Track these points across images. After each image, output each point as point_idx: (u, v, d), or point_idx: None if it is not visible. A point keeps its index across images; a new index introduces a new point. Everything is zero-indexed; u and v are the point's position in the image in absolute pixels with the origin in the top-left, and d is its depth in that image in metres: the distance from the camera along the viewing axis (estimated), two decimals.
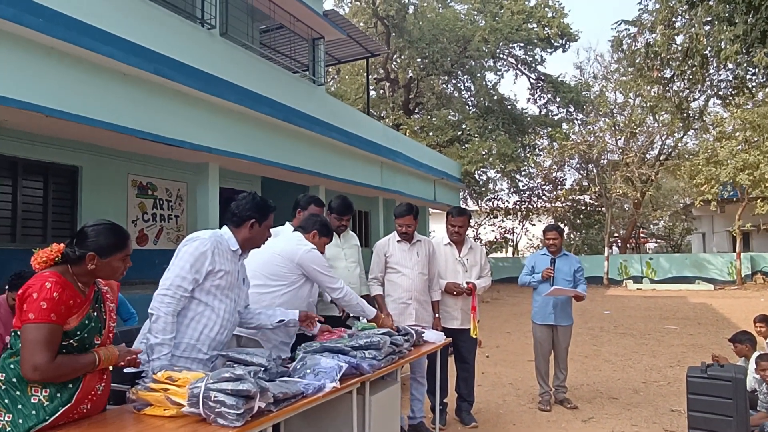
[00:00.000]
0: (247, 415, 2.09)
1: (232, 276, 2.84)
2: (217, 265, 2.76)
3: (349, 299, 3.60)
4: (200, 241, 2.75)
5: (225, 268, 2.79)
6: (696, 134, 25.03)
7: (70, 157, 8.62)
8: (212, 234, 2.82)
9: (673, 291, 20.33)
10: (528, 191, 28.73)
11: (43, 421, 2.02)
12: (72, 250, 2.17)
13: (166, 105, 7.80)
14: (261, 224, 2.94)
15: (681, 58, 12.70)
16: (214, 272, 2.75)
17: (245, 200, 2.93)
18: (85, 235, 2.21)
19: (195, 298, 2.73)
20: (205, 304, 2.75)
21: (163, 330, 2.57)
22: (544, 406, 5.40)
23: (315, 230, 3.68)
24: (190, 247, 2.74)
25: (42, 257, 2.13)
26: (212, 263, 2.73)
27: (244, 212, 2.90)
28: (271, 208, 2.99)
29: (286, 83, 10.70)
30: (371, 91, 25.66)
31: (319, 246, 3.66)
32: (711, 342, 9.14)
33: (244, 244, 2.93)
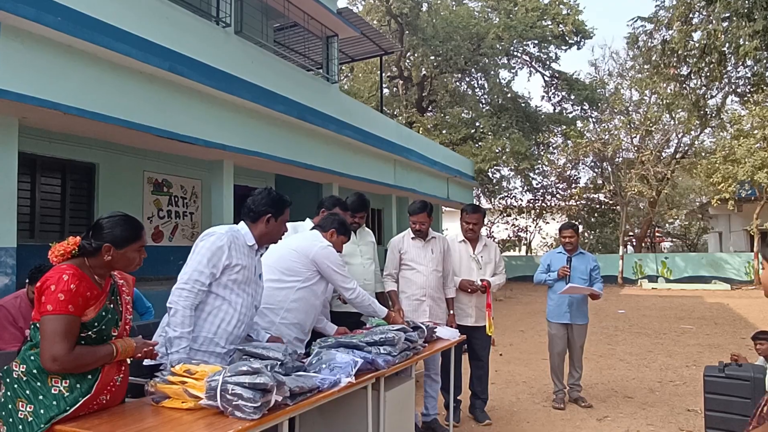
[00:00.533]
0: (264, 408, 2.10)
1: (248, 271, 2.85)
2: (234, 259, 2.77)
3: (361, 300, 3.56)
4: (217, 236, 2.77)
5: (242, 263, 2.81)
6: (713, 132, 24.72)
7: (87, 154, 8.72)
8: (229, 229, 2.84)
9: (688, 291, 20.12)
10: (542, 189, 28.58)
11: (63, 411, 2.05)
12: (88, 242, 2.20)
13: (181, 103, 7.86)
14: (277, 219, 2.95)
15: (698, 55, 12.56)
16: (231, 267, 2.77)
17: (261, 195, 2.95)
18: (100, 227, 2.24)
19: (212, 292, 2.75)
20: (223, 298, 2.77)
21: (182, 323, 2.60)
22: (558, 404, 5.38)
23: (333, 229, 3.67)
24: (207, 242, 2.76)
25: (59, 250, 2.17)
26: (229, 258, 2.75)
27: (260, 207, 2.91)
28: (287, 203, 3.00)
29: (300, 81, 10.73)
30: (384, 89, 25.65)
31: (337, 245, 3.65)
32: (728, 342, 9.04)
33: (260, 239, 2.94)
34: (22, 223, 7.48)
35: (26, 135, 7.21)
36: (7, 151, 6.04)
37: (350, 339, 3.11)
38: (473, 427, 4.82)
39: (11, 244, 6.09)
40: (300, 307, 3.41)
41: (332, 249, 3.53)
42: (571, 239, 5.56)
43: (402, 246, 4.62)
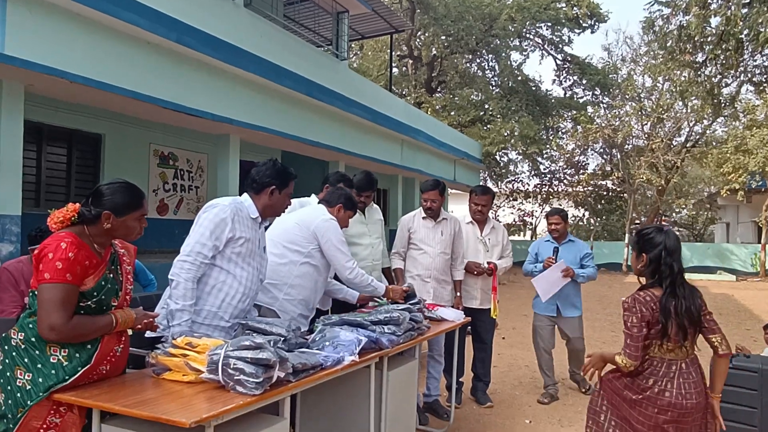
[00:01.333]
0: (266, 384, 2.07)
1: (252, 243, 2.80)
2: (238, 232, 2.72)
3: (360, 280, 3.48)
4: (220, 208, 2.72)
5: (246, 236, 2.76)
6: (725, 121, 24.41)
7: (93, 124, 8.67)
8: (232, 201, 2.79)
9: (693, 280, 19.91)
10: (549, 174, 28.36)
11: (62, 380, 2.02)
12: (88, 209, 2.15)
13: (188, 75, 7.77)
14: (281, 191, 2.89)
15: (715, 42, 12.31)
16: (235, 239, 2.72)
17: (266, 167, 2.89)
18: (100, 194, 2.18)
19: (216, 265, 2.71)
20: (227, 272, 2.73)
21: (183, 296, 2.56)
22: (544, 398, 5.03)
23: (340, 204, 3.59)
24: (209, 214, 2.71)
25: (58, 217, 2.12)
26: (232, 230, 2.70)
27: (264, 178, 2.85)
28: (291, 176, 2.94)
29: (309, 57, 10.59)
30: (394, 68, 25.38)
31: (343, 220, 3.59)
32: (732, 333, 8.98)
33: (264, 212, 2.89)
34: (27, 191, 7.46)
35: (32, 103, 7.16)
36: (13, 119, 5.99)
37: (354, 317, 3.07)
38: (474, 408, 4.81)
39: (16, 212, 6.07)
40: (304, 283, 3.36)
41: (335, 223, 3.44)
42: (557, 226, 5.21)
43: (412, 225, 4.55)
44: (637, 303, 2.56)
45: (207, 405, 1.95)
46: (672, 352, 2.62)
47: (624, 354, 2.55)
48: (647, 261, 2.63)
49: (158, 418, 1.82)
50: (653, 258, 2.62)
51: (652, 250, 2.63)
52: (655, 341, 2.58)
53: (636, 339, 2.52)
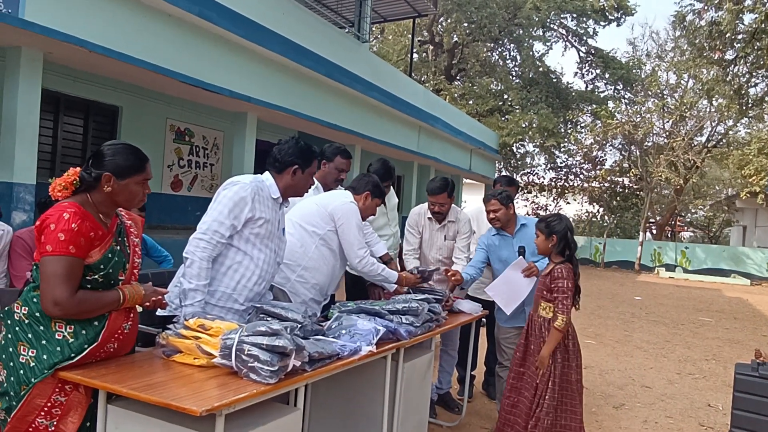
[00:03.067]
0: (281, 373, 1.97)
1: (272, 225, 2.69)
2: (257, 212, 2.61)
3: (370, 269, 3.31)
4: (240, 186, 2.60)
5: (265, 216, 2.64)
6: (749, 123, 23.91)
7: (111, 96, 8.60)
8: (254, 179, 2.67)
9: (707, 282, 19.76)
10: (565, 168, 28.01)
11: (68, 358, 1.93)
12: (88, 171, 2.02)
13: (208, 50, 7.66)
14: (304, 171, 2.77)
15: (747, 39, 11.99)
16: (254, 219, 2.61)
17: (288, 145, 2.76)
18: (101, 155, 2.05)
19: (233, 246, 2.60)
20: (244, 252, 2.62)
21: (198, 275, 2.45)
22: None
23: (367, 191, 3.42)
24: (229, 192, 2.59)
25: (60, 184, 2.00)
26: (252, 210, 2.59)
27: (287, 157, 2.73)
28: (315, 155, 2.82)
29: (330, 37, 10.42)
30: (414, 54, 25.09)
31: (370, 209, 3.44)
32: (748, 338, 8.81)
33: (285, 192, 2.77)
34: (42, 161, 7.42)
35: (51, 72, 7.09)
36: (31, 86, 5.92)
37: (372, 305, 2.96)
38: (486, 403, 4.71)
39: (31, 180, 6.02)
40: (319, 267, 3.22)
41: (356, 207, 3.29)
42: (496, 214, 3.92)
43: (420, 224, 4.31)
44: (566, 272, 3.19)
45: (218, 392, 1.85)
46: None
47: (562, 314, 3.13)
48: (557, 240, 3.23)
49: (168, 404, 1.72)
50: (561, 236, 3.23)
51: (560, 230, 3.24)
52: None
53: (570, 300, 3.17)
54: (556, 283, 3.16)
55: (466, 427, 4.13)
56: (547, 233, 3.23)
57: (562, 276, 3.17)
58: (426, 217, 4.30)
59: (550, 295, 3.21)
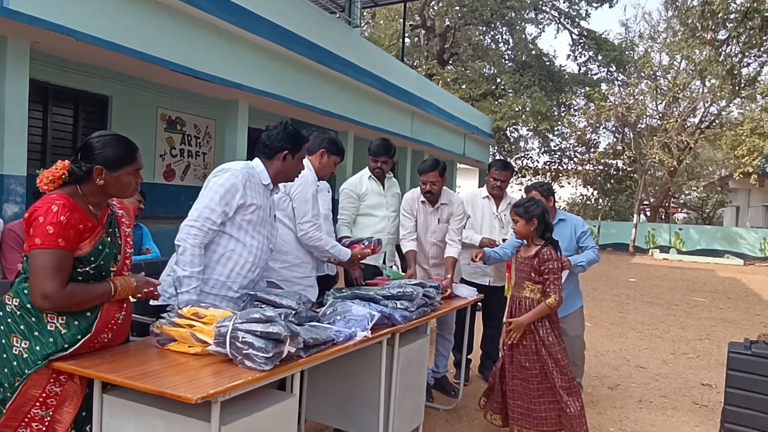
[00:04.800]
0: (276, 360, 1.97)
1: (263, 211, 2.68)
2: (249, 198, 2.60)
3: (316, 244, 3.14)
4: (232, 173, 2.59)
5: (257, 203, 2.64)
6: (742, 103, 23.94)
7: (100, 85, 8.51)
8: (244, 165, 2.66)
9: (700, 263, 19.91)
10: (559, 152, 28.02)
11: (62, 349, 1.93)
12: (78, 165, 1.99)
13: (198, 37, 7.57)
14: (294, 156, 2.76)
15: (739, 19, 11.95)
16: (246, 206, 2.60)
17: (277, 130, 2.74)
18: (90, 148, 2.02)
19: (226, 233, 2.60)
20: (237, 240, 2.61)
21: (191, 263, 2.45)
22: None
23: (322, 149, 3.32)
24: (220, 179, 2.58)
25: (48, 177, 1.96)
26: (243, 196, 2.58)
27: (277, 143, 2.72)
28: (304, 140, 2.80)
29: (321, 23, 10.33)
30: (406, 39, 24.93)
31: (328, 167, 3.33)
32: (741, 317, 8.89)
33: (276, 178, 2.76)
34: (32, 152, 7.36)
35: (38, 61, 7.01)
36: (18, 76, 5.84)
37: (366, 291, 2.96)
38: (482, 386, 4.72)
39: (21, 172, 5.97)
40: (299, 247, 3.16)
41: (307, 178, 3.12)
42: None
43: (413, 208, 4.25)
44: (553, 254, 3.27)
45: (213, 380, 1.85)
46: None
47: (555, 294, 3.23)
48: (537, 223, 3.30)
49: (163, 392, 1.72)
50: (540, 219, 3.30)
51: (538, 214, 3.31)
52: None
53: (560, 280, 3.28)
54: (546, 265, 3.24)
55: (462, 410, 4.16)
56: (528, 217, 3.30)
57: (551, 257, 3.25)
58: (419, 201, 4.26)
59: (538, 277, 3.26)
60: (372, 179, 4.21)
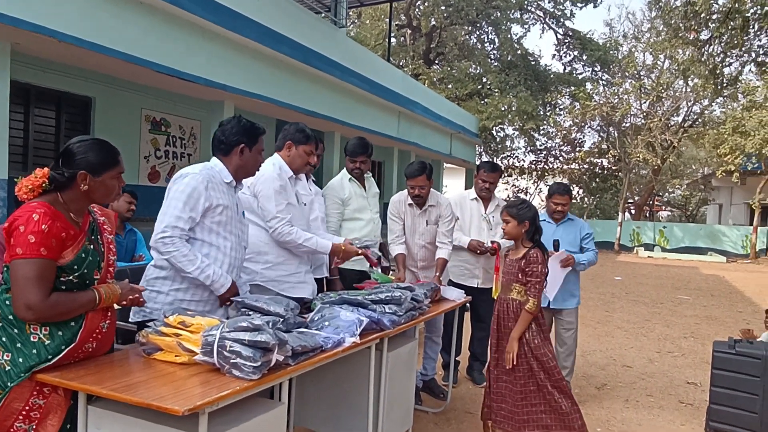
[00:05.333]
0: (264, 368, 1.95)
1: (231, 210, 2.62)
2: (214, 200, 2.53)
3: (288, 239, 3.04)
4: (191, 177, 2.50)
5: (223, 203, 2.57)
6: (724, 102, 24.25)
7: (83, 87, 8.40)
8: (203, 167, 2.58)
9: (684, 261, 20.13)
10: (545, 151, 28.21)
11: (45, 360, 1.89)
12: (59, 172, 1.95)
13: (182, 38, 7.51)
14: (251, 149, 2.67)
15: (721, 19, 12.11)
16: (212, 208, 2.53)
17: (231, 125, 2.66)
18: (72, 154, 1.97)
19: (197, 239, 2.54)
20: (210, 244, 2.56)
21: (191, 261, 2.43)
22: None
23: (288, 141, 3.19)
24: (180, 185, 2.50)
25: (27, 185, 1.91)
26: (208, 199, 2.51)
27: (232, 138, 2.64)
28: (260, 131, 2.72)
29: (306, 23, 10.29)
30: (392, 38, 24.93)
31: (299, 157, 3.20)
32: (725, 315, 9.00)
33: (237, 173, 2.68)
34: (14, 155, 7.26)
35: (20, 62, 6.90)
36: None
37: (354, 296, 2.94)
38: (470, 388, 4.75)
39: (2, 175, 5.88)
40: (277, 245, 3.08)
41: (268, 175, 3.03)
42: (564, 207, 4.50)
43: (400, 211, 4.25)
44: (540, 257, 3.26)
45: (201, 390, 1.82)
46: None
47: (533, 298, 3.21)
48: (529, 225, 3.30)
49: (149, 404, 1.69)
50: (531, 221, 3.30)
51: (530, 216, 3.31)
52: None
53: (542, 284, 3.25)
54: (531, 267, 3.23)
55: (451, 412, 4.17)
56: (520, 219, 3.30)
57: (538, 261, 3.24)
58: (407, 204, 4.25)
59: (524, 279, 3.26)
60: (353, 181, 4.13)
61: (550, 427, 3.22)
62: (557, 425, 3.22)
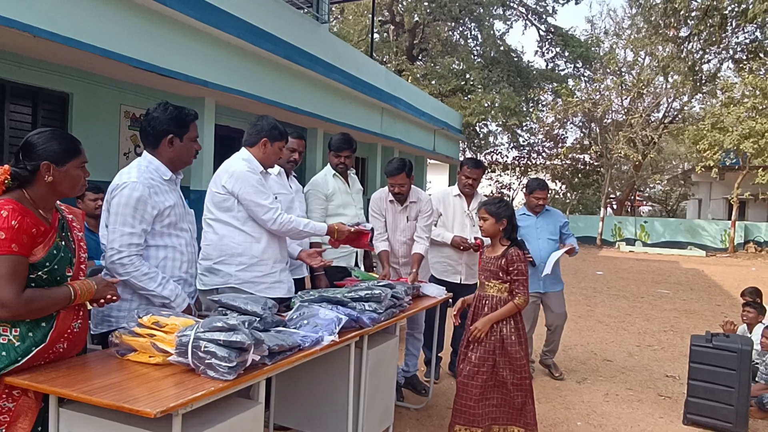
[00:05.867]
0: (240, 368, 1.93)
1: (178, 207, 2.56)
2: (160, 204, 2.45)
3: (288, 228, 2.98)
4: (130, 187, 2.38)
5: (169, 203, 2.48)
6: (703, 99, 24.57)
7: (60, 83, 8.24)
8: (138, 172, 2.44)
9: (665, 255, 20.39)
10: (528, 147, 28.39)
11: (15, 362, 1.85)
12: (21, 166, 1.91)
13: (162, 34, 7.42)
14: (182, 138, 2.53)
15: (700, 17, 12.26)
16: (161, 212, 2.45)
17: (156, 113, 2.50)
18: (32, 146, 1.93)
19: (151, 245, 2.47)
20: (165, 246, 2.51)
21: (152, 279, 2.38)
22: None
23: (262, 138, 3.04)
24: (121, 198, 2.37)
25: None
26: (155, 206, 2.42)
27: (159, 127, 2.49)
28: (189, 116, 2.56)
29: (288, 19, 10.22)
30: (375, 34, 24.86)
31: (273, 154, 3.08)
32: (704, 308, 9.13)
33: (172, 165, 2.56)
34: None
35: None
36: None
37: (333, 293, 2.93)
38: (452, 384, 4.74)
39: None
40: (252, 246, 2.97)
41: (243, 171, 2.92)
42: (545, 201, 5.00)
43: (382, 207, 4.26)
44: (521, 255, 3.28)
45: (175, 391, 1.80)
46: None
47: (522, 295, 3.26)
48: (507, 223, 3.32)
49: (120, 406, 1.66)
50: (509, 219, 3.33)
51: (508, 215, 3.33)
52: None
53: (527, 281, 3.30)
54: (514, 266, 3.26)
55: (433, 408, 4.17)
56: (498, 217, 3.30)
57: (519, 259, 3.27)
58: (387, 200, 4.26)
59: (506, 276, 3.27)
60: (337, 177, 4.12)
61: (497, 420, 3.22)
62: (505, 418, 3.22)
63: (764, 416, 4.21)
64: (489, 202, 3.41)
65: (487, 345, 3.24)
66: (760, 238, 21.93)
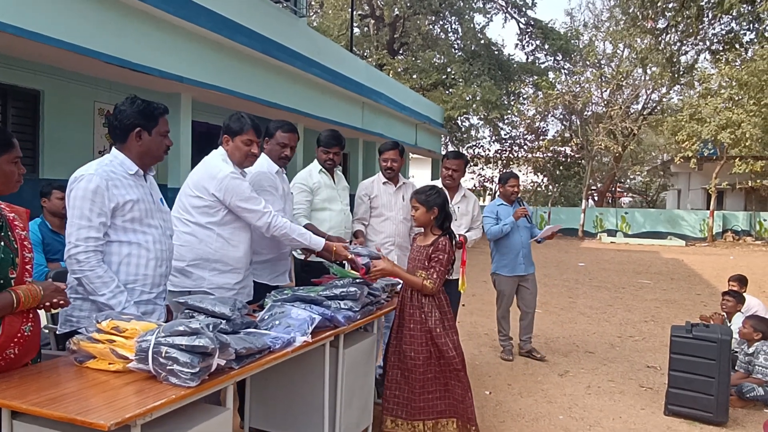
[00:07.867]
0: (204, 374, 1.84)
1: (144, 203, 2.43)
2: (119, 198, 2.34)
3: (282, 233, 2.96)
4: (86, 179, 2.30)
5: (132, 198, 2.38)
6: (681, 90, 24.81)
7: (31, 79, 8.03)
8: (98, 165, 2.36)
9: (645, 245, 20.58)
10: (510, 140, 28.45)
11: None
12: None
13: (135, 29, 7.24)
14: (151, 132, 2.44)
15: (677, 8, 12.33)
16: (121, 206, 2.35)
17: (124, 107, 2.42)
18: None
19: (113, 241, 2.36)
20: (128, 242, 2.38)
21: (104, 284, 2.26)
22: (507, 356, 5.38)
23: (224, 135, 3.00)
24: (77, 191, 2.29)
25: None
26: (112, 198, 2.32)
27: (125, 121, 2.40)
28: (158, 110, 2.47)
29: (265, 12, 10.06)
30: (355, 28, 24.69)
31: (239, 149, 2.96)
32: (684, 298, 9.20)
33: (142, 161, 2.46)
34: None
35: None
36: None
37: (308, 292, 2.85)
38: None
39: None
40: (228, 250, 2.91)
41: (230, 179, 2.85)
42: (518, 189, 5.58)
43: (372, 190, 4.30)
44: (448, 246, 3.21)
45: (135, 399, 1.71)
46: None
47: (433, 282, 3.14)
48: (438, 212, 3.23)
49: (72, 419, 1.57)
50: (441, 207, 3.24)
51: (440, 203, 3.24)
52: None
53: (444, 272, 3.20)
54: (437, 254, 3.16)
55: None
56: (428, 206, 3.21)
57: (444, 249, 3.17)
58: (381, 183, 4.31)
59: (429, 264, 3.17)
60: (323, 172, 4.08)
61: (443, 413, 3.14)
62: (449, 411, 3.15)
63: (744, 405, 4.23)
64: (420, 191, 3.29)
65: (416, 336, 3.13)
66: (737, 227, 22.24)
